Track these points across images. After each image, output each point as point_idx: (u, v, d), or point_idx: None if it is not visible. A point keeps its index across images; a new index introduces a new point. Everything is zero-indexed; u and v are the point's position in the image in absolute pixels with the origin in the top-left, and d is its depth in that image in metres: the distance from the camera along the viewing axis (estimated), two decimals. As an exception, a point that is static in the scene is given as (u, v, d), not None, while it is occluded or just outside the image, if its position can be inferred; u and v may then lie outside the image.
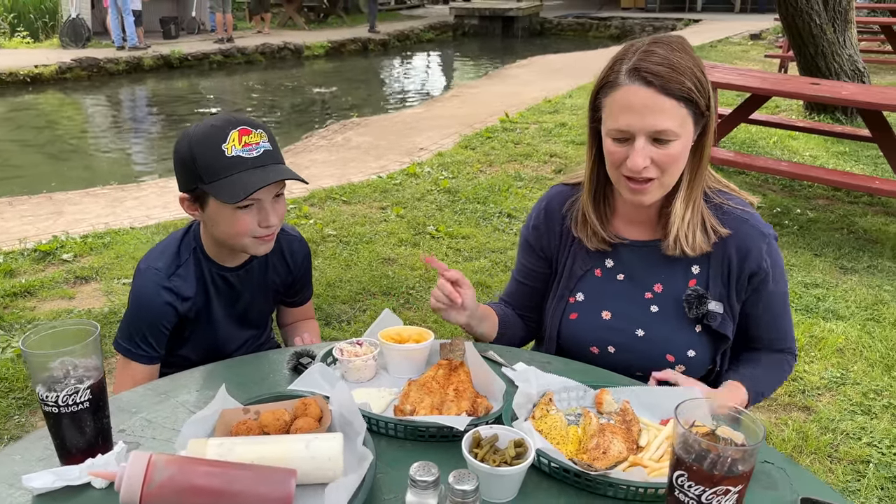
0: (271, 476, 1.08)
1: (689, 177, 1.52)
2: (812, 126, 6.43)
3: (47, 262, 4.32)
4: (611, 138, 1.47)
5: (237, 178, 1.57)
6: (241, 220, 1.62)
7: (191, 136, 1.63)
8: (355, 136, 7.65)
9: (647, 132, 1.41)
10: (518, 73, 11.81)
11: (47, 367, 1.17)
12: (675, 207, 1.52)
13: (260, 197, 1.61)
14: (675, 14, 20.06)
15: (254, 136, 1.61)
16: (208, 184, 1.59)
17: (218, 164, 1.58)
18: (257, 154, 1.60)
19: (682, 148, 1.45)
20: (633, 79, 1.41)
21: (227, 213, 1.62)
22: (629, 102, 1.41)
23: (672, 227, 1.53)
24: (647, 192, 1.48)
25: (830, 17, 7.06)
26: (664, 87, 1.39)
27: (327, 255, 4.47)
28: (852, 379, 3.23)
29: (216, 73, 13.60)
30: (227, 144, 1.58)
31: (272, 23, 17.09)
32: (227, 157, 1.57)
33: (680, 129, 1.42)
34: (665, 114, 1.40)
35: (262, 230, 1.65)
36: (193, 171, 1.61)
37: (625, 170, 1.46)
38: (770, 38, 14.12)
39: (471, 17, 19.89)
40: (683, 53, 1.42)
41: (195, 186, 1.63)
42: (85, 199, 5.65)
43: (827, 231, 4.87)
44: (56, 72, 11.93)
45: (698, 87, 1.42)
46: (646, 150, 1.42)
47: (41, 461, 1.23)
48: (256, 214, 1.63)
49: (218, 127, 1.60)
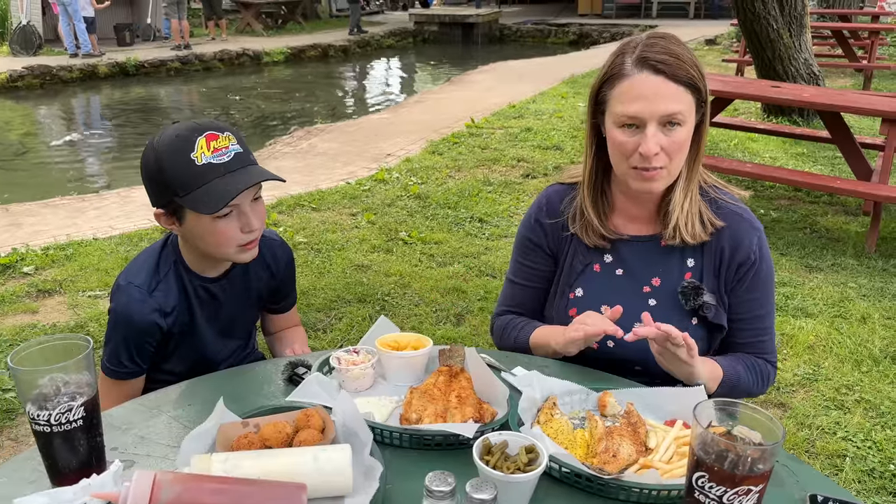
0: (281, 491, 1.04)
1: (687, 167, 1.55)
2: (772, 128, 6.57)
3: (7, 275, 4.18)
4: (619, 128, 1.49)
5: (212, 186, 1.51)
6: (223, 230, 1.57)
7: (156, 149, 1.55)
8: (320, 142, 7.58)
9: (660, 116, 1.44)
10: (480, 78, 11.85)
11: (36, 385, 1.12)
12: (675, 196, 1.56)
13: (237, 203, 1.55)
14: (631, 20, 20.38)
15: (222, 139, 1.55)
16: (183, 197, 1.53)
17: (189, 175, 1.51)
18: (228, 158, 1.54)
19: (687, 135, 1.49)
20: (642, 68, 1.45)
21: (206, 225, 1.56)
22: (640, 90, 1.45)
23: (672, 216, 1.56)
24: (657, 180, 1.50)
25: (787, 22, 7.24)
26: (672, 74, 1.43)
27: (299, 263, 4.40)
28: (824, 375, 3.29)
29: (174, 80, 13.37)
30: (196, 153, 1.51)
31: (229, 29, 16.86)
32: (197, 167, 1.51)
33: (687, 114, 1.46)
34: (674, 98, 1.44)
35: (244, 236, 1.59)
36: (165, 185, 1.55)
37: (634, 159, 1.48)
38: (725, 43, 14.42)
39: (431, 24, 19.91)
40: (681, 46, 1.48)
41: (169, 200, 1.57)
42: (44, 211, 5.48)
43: (791, 231, 4.97)
44: (7, 80, 11.61)
45: (699, 74, 1.47)
46: (657, 136, 1.45)
47: (31, 483, 1.18)
48: (237, 221, 1.57)
49: (183, 136, 1.53)
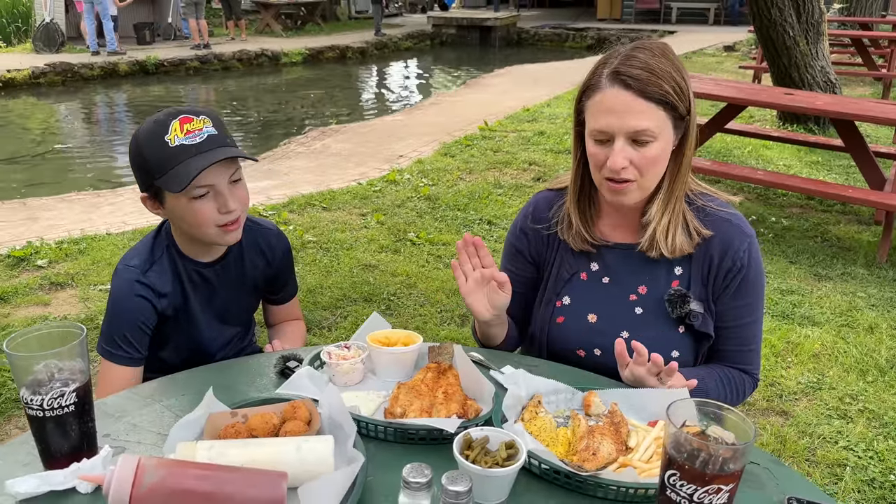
0: (262, 479, 1.07)
1: (668, 180, 1.54)
2: (786, 136, 6.53)
3: (21, 268, 4.25)
4: (593, 140, 1.50)
5: (182, 166, 1.56)
6: (200, 210, 1.61)
7: (138, 136, 1.64)
8: (334, 142, 7.64)
9: (626, 132, 1.45)
10: (496, 82, 11.87)
11: (31, 370, 1.15)
12: (652, 210, 1.55)
13: (213, 182, 1.59)
14: (650, 25, 20.31)
15: (196, 122, 1.60)
16: (158, 178, 1.59)
17: (163, 157, 1.58)
18: (201, 140, 1.58)
19: (661, 151, 1.48)
20: (614, 82, 1.45)
21: (184, 205, 1.61)
22: (609, 105, 1.45)
23: (648, 229, 1.56)
24: (626, 193, 1.51)
25: (803, 30, 7.20)
26: (642, 91, 1.43)
27: (308, 262, 4.44)
28: (828, 384, 3.28)
29: (192, 79, 13.50)
30: (170, 135, 1.57)
31: (249, 29, 17.01)
32: (170, 148, 1.57)
33: (658, 131, 1.45)
34: (643, 115, 1.43)
35: (222, 217, 1.63)
36: (145, 169, 1.62)
37: (605, 171, 1.49)
38: (744, 50, 14.34)
39: (448, 27, 19.96)
40: (664, 59, 1.46)
41: (150, 184, 1.63)
42: (60, 205, 5.57)
43: (801, 239, 4.95)
44: (29, 77, 11.77)
45: (677, 91, 1.45)
46: (625, 151, 1.45)
47: (25, 466, 1.21)
48: (214, 201, 1.61)
49: (160, 121, 1.60)
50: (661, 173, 1.52)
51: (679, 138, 1.52)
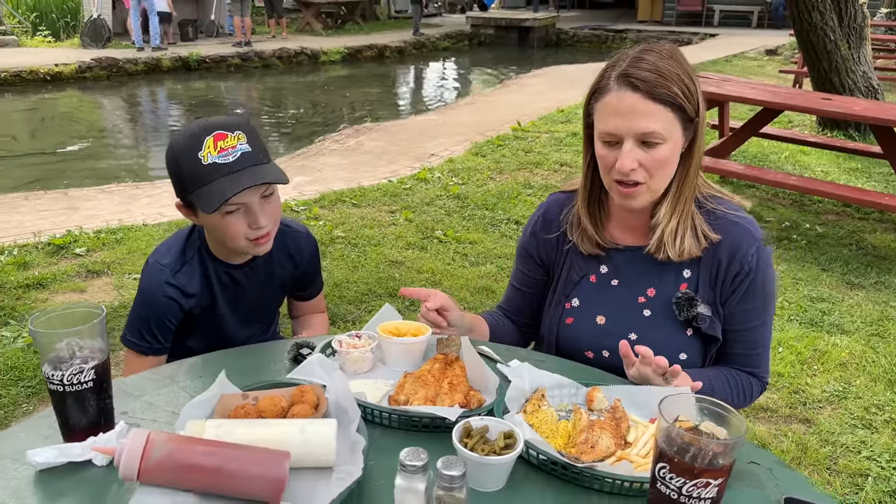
0: (266, 457, 1.11)
1: (677, 183, 1.54)
2: (824, 141, 6.42)
3: (60, 255, 4.39)
4: (601, 142, 1.51)
5: (214, 185, 1.57)
6: (231, 225, 1.63)
7: (173, 147, 1.64)
8: (368, 140, 7.72)
9: (634, 134, 1.45)
10: (532, 82, 11.86)
11: (54, 347, 1.21)
12: (660, 213, 1.55)
13: (245, 201, 1.61)
14: (691, 28, 20.04)
15: (230, 139, 1.59)
16: (191, 193, 1.61)
17: (197, 174, 1.59)
18: (233, 159, 1.58)
19: (670, 153, 1.48)
20: (622, 84, 1.45)
21: (215, 219, 1.63)
22: (617, 106, 1.46)
23: (656, 231, 1.56)
24: (635, 196, 1.51)
25: (845, 34, 7.06)
26: (650, 92, 1.43)
27: (335, 257, 4.51)
28: (854, 393, 3.23)
29: (233, 76, 13.75)
30: (203, 152, 1.57)
31: (290, 28, 17.24)
32: (203, 166, 1.58)
33: (667, 133, 1.45)
34: (651, 117, 1.44)
35: (253, 232, 1.65)
36: (180, 180, 1.64)
37: (614, 173, 1.50)
38: (786, 54, 14.10)
39: (487, 27, 19.97)
40: (672, 61, 1.46)
41: (184, 195, 1.66)
42: (100, 196, 5.74)
43: (835, 246, 4.86)
44: (76, 71, 12.11)
45: (686, 93, 1.45)
46: (633, 152, 1.46)
47: (46, 438, 1.27)
48: (244, 217, 1.63)
49: (195, 135, 1.59)
50: (670, 175, 1.52)
51: (688, 141, 1.52)
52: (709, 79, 6.07)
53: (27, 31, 14.80)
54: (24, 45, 14.03)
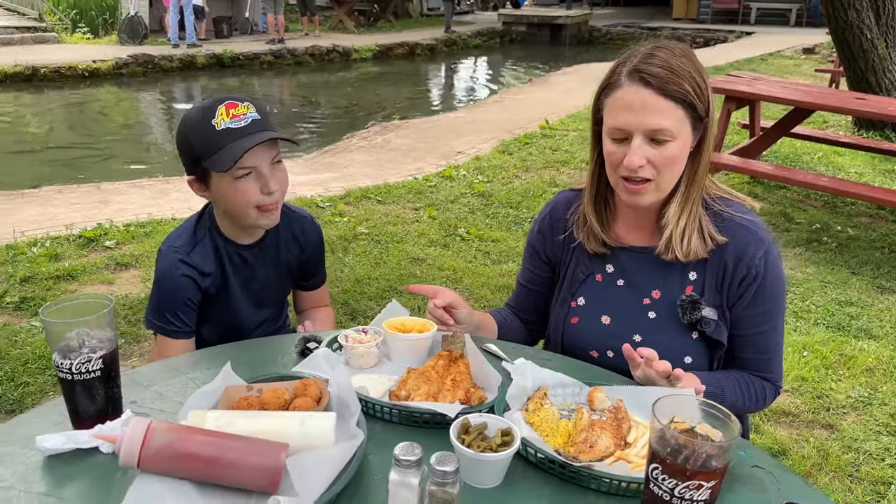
0: (264, 448, 1.13)
1: (686, 182, 1.53)
2: (858, 142, 6.28)
3: (91, 248, 4.49)
4: (610, 139, 1.50)
5: (228, 148, 1.65)
6: (243, 190, 1.70)
7: (185, 121, 1.74)
8: (395, 137, 7.74)
9: (644, 130, 1.44)
10: (562, 80, 11.79)
11: (64, 336, 1.24)
12: (670, 211, 1.54)
13: (255, 164, 1.68)
14: (727, 26, 19.73)
15: (241, 108, 1.69)
16: (205, 160, 1.69)
17: (210, 140, 1.67)
18: (245, 123, 1.68)
19: (679, 150, 1.46)
20: (633, 80, 1.44)
21: (228, 186, 1.70)
22: (628, 102, 1.44)
23: (665, 231, 1.54)
24: (643, 194, 1.50)
25: (882, 32, 6.89)
26: (662, 88, 1.42)
27: (358, 253, 4.54)
28: (880, 399, 3.16)
29: (266, 72, 13.90)
30: (217, 119, 1.67)
31: (322, 26, 17.37)
32: (217, 131, 1.66)
33: (677, 130, 1.44)
34: (662, 113, 1.42)
35: (264, 198, 1.71)
36: (192, 152, 1.72)
37: (622, 170, 1.48)
38: (824, 53, 13.81)
39: (519, 25, 19.90)
40: (684, 58, 1.45)
41: (196, 166, 1.73)
42: (131, 190, 5.85)
43: (867, 249, 4.76)
44: (113, 67, 12.34)
45: (697, 91, 1.44)
46: (642, 149, 1.45)
47: (56, 425, 1.31)
48: (256, 182, 1.70)
49: (207, 107, 1.70)
50: (678, 174, 1.50)
51: (697, 140, 1.50)
52: (739, 77, 5.98)
53: (67, 28, 15.13)
54: (64, 42, 14.35)
